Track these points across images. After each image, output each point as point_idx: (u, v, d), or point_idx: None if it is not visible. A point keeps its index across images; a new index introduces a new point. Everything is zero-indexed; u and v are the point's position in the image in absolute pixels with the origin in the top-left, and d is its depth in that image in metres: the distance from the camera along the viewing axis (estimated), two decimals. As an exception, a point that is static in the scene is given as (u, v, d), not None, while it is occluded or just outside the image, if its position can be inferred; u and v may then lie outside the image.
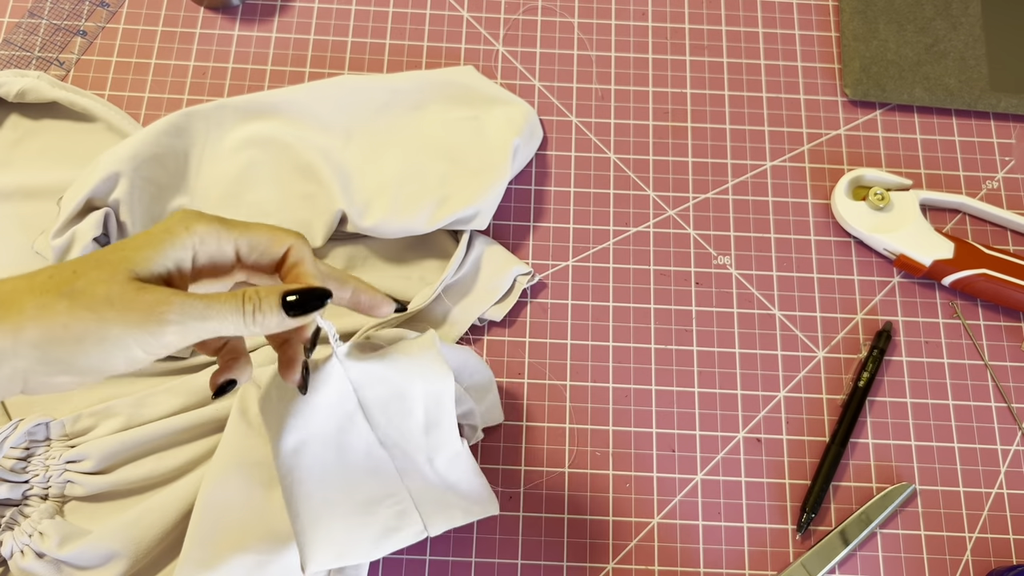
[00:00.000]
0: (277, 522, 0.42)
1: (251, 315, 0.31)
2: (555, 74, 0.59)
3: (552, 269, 0.54)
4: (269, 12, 0.60)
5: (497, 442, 0.50)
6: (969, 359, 0.53)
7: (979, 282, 0.52)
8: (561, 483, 0.50)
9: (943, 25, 0.59)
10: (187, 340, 0.30)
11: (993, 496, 0.50)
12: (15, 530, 0.44)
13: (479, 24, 0.60)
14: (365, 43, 0.59)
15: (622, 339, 0.53)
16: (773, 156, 0.57)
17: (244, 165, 0.53)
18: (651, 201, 0.56)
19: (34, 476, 0.46)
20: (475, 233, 0.53)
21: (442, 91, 0.55)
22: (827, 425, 0.51)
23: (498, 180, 0.52)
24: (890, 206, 0.54)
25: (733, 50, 0.60)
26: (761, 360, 0.52)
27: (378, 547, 0.40)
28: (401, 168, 0.53)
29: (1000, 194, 0.57)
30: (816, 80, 0.59)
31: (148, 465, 0.46)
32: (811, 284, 0.54)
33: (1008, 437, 0.51)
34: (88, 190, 0.48)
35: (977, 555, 0.49)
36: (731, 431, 0.51)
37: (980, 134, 0.58)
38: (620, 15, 0.61)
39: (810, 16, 0.61)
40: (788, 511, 0.49)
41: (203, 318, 0.30)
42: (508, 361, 0.52)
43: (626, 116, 0.58)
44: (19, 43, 0.58)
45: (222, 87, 0.58)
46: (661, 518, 0.49)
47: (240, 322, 0.31)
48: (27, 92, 0.54)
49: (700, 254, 0.55)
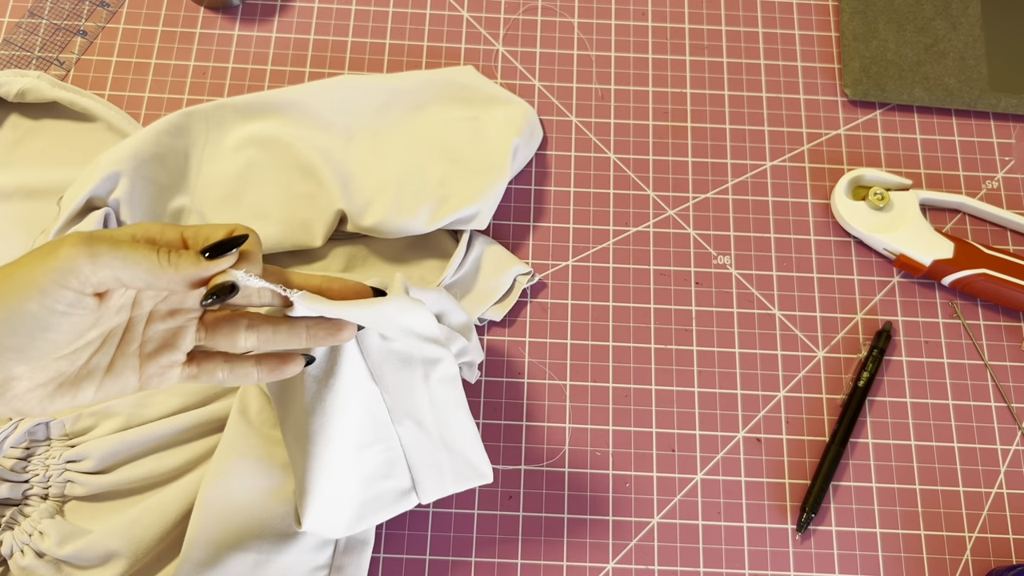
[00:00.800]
0: (277, 522, 0.42)
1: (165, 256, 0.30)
2: (555, 74, 0.59)
3: (552, 269, 0.54)
4: (269, 12, 0.60)
5: (497, 442, 0.50)
6: (969, 359, 0.53)
7: (979, 282, 0.52)
8: (561, 483, 0.50)
9: (943, 25, 0.59)
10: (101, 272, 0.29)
11: (993, 496, 0.50)
12: (15, 529, 0.44)
13: (479, 24, 0.60)
14: (365, 43, 0.59)
15: (622, 339, 0.53)
16: (773, 156, 0.57)
17: (244, 165, 0.53)
18: (651, 201, 0.56)
19: (34, 476, 0.46)
20: (475, 233, 0.53)
21: (442, 91, 0.55)
22: (827, 425, 0.51)
23: (498, 180, 0.52)
24: (890, 206, 0.54)
25: (733, 50, 0.60)
26: (761, 360, 0.52)
27: (367, 490, 0.40)
28: (401, 168, 0.53)
29: (1000, 194, 0.57)
30: (816, 80, 0.59)
31: (148, 465, 0.46)
32: (811, 284, 0.54)
33: (1008, 437, 0.51)
34: (88, 190, 0.48)
35: (977, 555, 0.49)
36: (731, 431, 0.51)
37: (980, 134, 0.58)
38: (620, 15, 0.61)
39: (810, 16, 0.61)
40: (788, 511, 0.49)
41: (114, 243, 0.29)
42: (508, 361, 0.52)
43: (626, 116, 0.58)
44: (19, 43, 0.58)
45: (222, 87, 0.58)
46: (661, 518, 0.49)
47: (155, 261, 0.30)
48: (27, 92, 0.54)
49: (700, 254, 0.55)
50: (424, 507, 0.49)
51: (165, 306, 0.34)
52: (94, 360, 0.32)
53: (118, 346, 0.33)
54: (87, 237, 0.29)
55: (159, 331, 0.34)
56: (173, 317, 0.34)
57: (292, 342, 0.35)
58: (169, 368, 0.34)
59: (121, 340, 0.33)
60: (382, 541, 0.48)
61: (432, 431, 0.42)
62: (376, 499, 0.42)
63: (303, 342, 0.35)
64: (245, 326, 0.35)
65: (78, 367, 0.32)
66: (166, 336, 0.34)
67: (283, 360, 0.36)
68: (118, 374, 0.33)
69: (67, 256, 0.28)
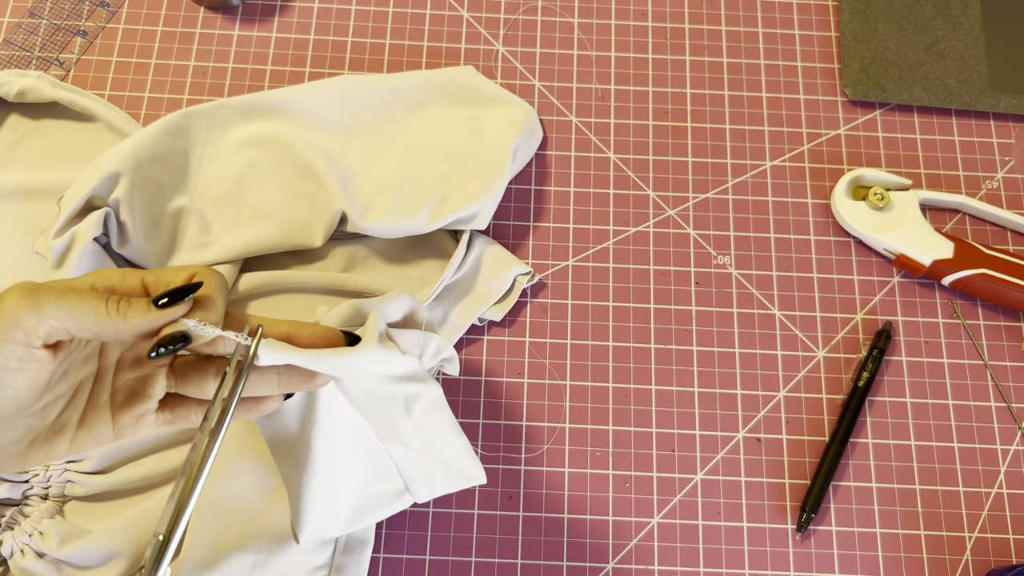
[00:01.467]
0: (277, 522, 0.42)
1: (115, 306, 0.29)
2: (555, 74, 0.59)
3: (552, 269, 0.54)
4: (269, 12, 0.60)
5: (497, 441, 0.50)
6: (969, 359, 0.53)
7: (979, 282, 0.52)
8: (561, 483, 0.50)
9: (943, 25, 0.59)
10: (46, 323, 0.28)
11: (993, 496, 0.50)
12: (15, 530, 0.44)
13: (479, 24, 0.60)
14: (365, 43, 0.59)
15: (622, 339, 0.53)
16: (773, 156, 0.57)
17: (244, 165, 0.53)
18: (651, 201, 0.56)
19: (34, 476, 0.46)
20: (475, 233, 0.53)
21: (442, 91, 0.55)
22: (827, 425, 0.51)
23: (498, 180, 0.52)
24: (890, 206, 0.54)
25: (733, 50, 0.60)
26: (761, 360, 0.52)
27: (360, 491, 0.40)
28: (401, 168, 0.53)
29: (1000, 194, 0.57)
30: (816, 80, 0.59)
31: (148, 465, 0.46)
32: (811, 284, 0.54)
33: (1008, 437, 0.51)
34: (88, 190, 0.48)
35: (977, 555, 0.49)
36: (731, 431, 0.51)
37: (980, 134, 0.58)
38: (620, 15, 0.61)
39: (810, 16, 0.61)
40: (788, 511, 0.49)
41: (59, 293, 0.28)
42: (508, 361, 0.52)
43: (626, 116, 0.58)
44: (19, 43, 0.58)
45: (222, 87, 0.58)
46: (661, 518, 0.49)
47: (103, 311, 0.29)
48: (27, 92, 0.54)
49: (700, 254, 0.55)
50: (424, 507, 0.49)
51: (132, 354, 0.33)
52: (65, 415, 0.32)
53: (88, 398, 0.32)
54: (31, 288, 0.28)
55: (128, 380, 0.33)
56: (142, 365, 0.33)
57: (264, 389, 0.34)
58: (142, 417, 0.33)
59: (91, 392, 0.32)
60: (382, 541, 0.48)
61: (420, 450, 0.41)
62: (371, 498, 0.42)
63: (275, 388, 0.34)
64: (214, 373, 0.34)
65: (49, 423, 0.31)
66: (135, 385, 0.33)
67: (260, 400, 0.34)
68: (91, 427, 0.32)
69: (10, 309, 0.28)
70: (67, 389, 0.31)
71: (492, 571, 0.48)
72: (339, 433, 0.39)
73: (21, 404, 0.29)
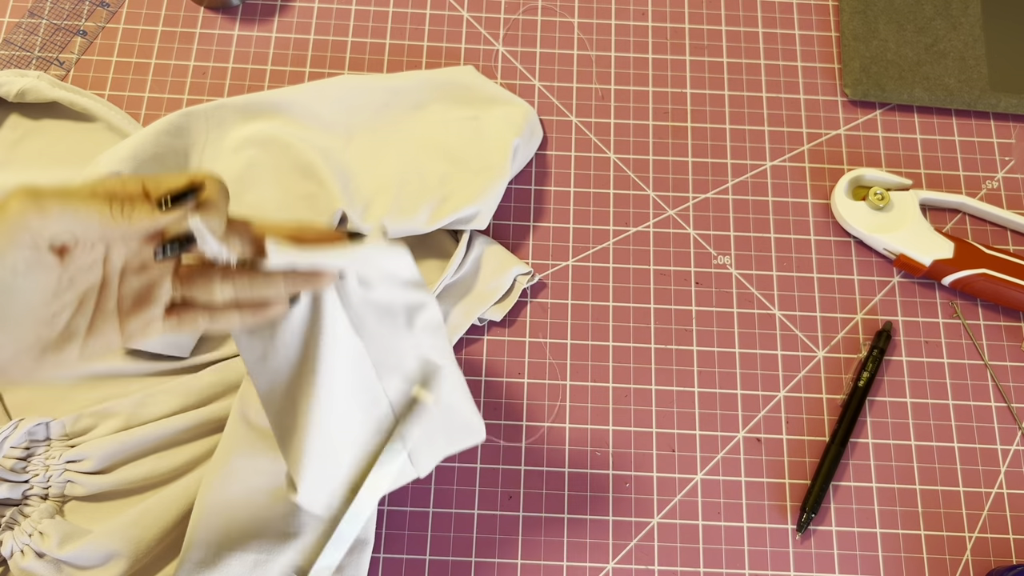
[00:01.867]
0: (277, 522, 0.42)
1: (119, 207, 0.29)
2: (555, 74, 0.59)
3: (552, 269, 0.54)
4: (269, 12, 0.60)
5: (497, 442, 0.50)
6: (969, 359, 0.53)
7: (979, 282, 0.52)
8: (561, 482, 0.50)
9: (943, 25, 0.59)
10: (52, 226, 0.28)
11: (993, 496, 0.50)
12: (15, 530, 0.44)
13: (479, 24, 0.60)
14: (365, 43, 0.59)
15: (622, 339, 0.53)
16: (773, 156, 0.57)
17: (244, 165, 0.53)
18: (651, 201, 0.56)
19: (34, 476, 0.46)
20: (475, 233, 0.53)
21: (442, 91, 0.55)
22: (827, 425, 0.51)
23: (498, 180, 0.52)
24: (890, 206, 0.54)
25: (733, 50, 0.60)
26: (761, 360, 0.52)
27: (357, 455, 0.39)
28: (401, 168, 0.53)
29: (1000, 194, 0.57)
30: (816, 80, 0.59)
31: (148, 465, 0.46)
32: (811, 284, 0.54)
33: (1008, 437, 0.51)
34: (88, 190, 0.48)
35: (977, 555, 0.49)
36: (731, 431, 0.51)
37: (980, 134, 0.58)
38: (620, 15, 0.61)
39: (810, 16, 0.61)
40: (788, 511, 0.49)
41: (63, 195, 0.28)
42: (508, 361, 0.52)
43: (626, 116, 0.58)
44: (19, 43, 0.58)
45: (222, 87, 0.58)
46: (661, 518, 0.49)
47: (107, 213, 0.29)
48: (27, 92, 0.54)
49: (700, 254, 0.55)
50: (424, 507, 0.49)
51: (137, 260, 0.34)
52: (74, 322, 0.32)
53: (96, 305, 0.33)
54: (34, 191, 0.28)
55: (134, 286, 0.34)
56: (146, 271, 0.34)
57: (270, 290, 0.34)
58: (149, 322, 0.34)
59: (98, 299, 0.33)
60: (382, 541, 0.48)
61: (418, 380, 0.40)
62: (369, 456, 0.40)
63: (281, 289, 0.34)
64: (220, 276, 0.34)
65: (59, 330, 0.32)
66: (142, 290, 0.34)
67: (266, 303, 0.35)
68: (100, 333, 0.33)
69: (15, 212, 0.28)
70: (74, 297, 0.32)
71: (492, 571, 0.48)
72: (337, 374, 0.38)
73: (31, 309, 0.30)
